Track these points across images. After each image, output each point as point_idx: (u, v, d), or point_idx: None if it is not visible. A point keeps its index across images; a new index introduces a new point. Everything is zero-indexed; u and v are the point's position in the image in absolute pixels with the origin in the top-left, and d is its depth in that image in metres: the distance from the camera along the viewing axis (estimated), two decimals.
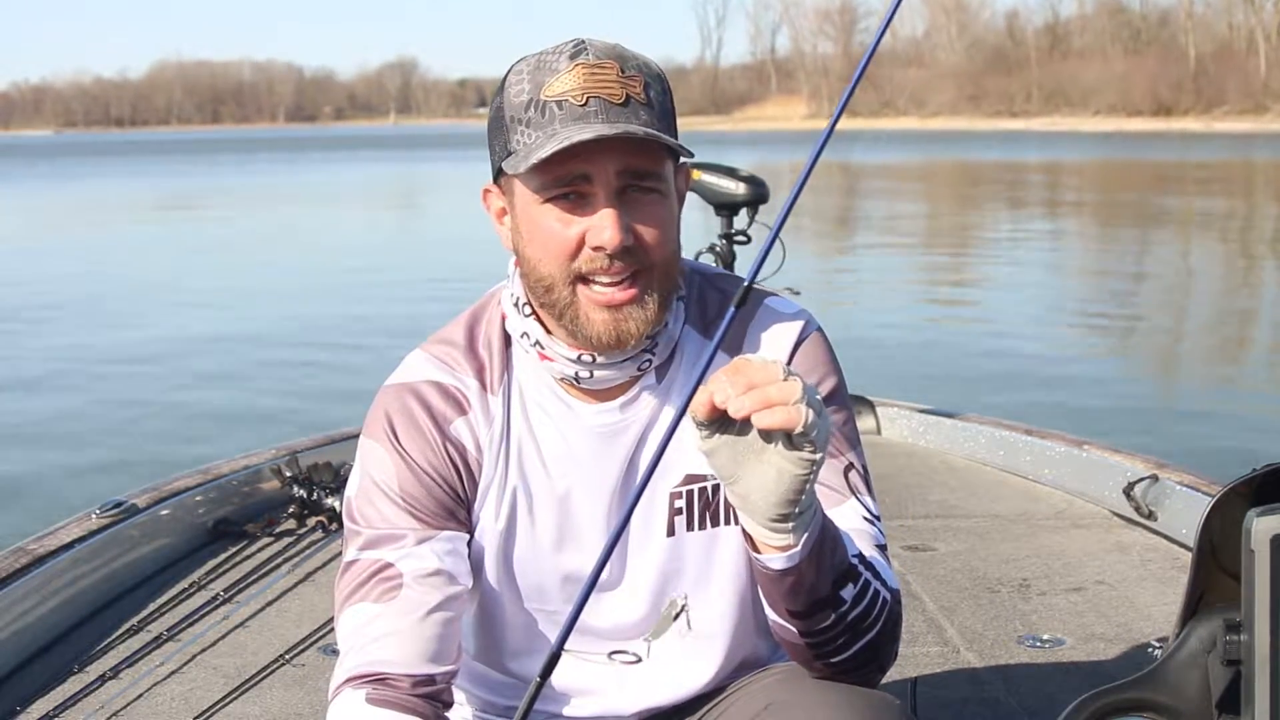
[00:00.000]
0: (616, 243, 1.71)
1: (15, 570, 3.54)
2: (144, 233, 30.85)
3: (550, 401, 1.88)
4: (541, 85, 1.72)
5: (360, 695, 1.79)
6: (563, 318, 1.79)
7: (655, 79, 1.77)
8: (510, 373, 1.90)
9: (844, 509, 1.84)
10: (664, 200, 1.78)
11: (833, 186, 41.75)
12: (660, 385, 1.89)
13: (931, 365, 12.24)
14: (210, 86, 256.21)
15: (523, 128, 1.73)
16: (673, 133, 1.78)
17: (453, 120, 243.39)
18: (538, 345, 1.85)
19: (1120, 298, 17.85)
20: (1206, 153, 62.22)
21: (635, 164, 1.73)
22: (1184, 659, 1.54)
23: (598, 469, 1.88)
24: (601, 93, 1.71)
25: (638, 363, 1.85)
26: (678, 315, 1.89)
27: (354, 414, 6.73)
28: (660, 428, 1.88)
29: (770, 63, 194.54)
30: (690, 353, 1.90)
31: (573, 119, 1.70)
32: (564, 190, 1.73)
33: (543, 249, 1.77)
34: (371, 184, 52.04)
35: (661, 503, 1.88)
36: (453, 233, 28.15)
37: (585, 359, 1.82)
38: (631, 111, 1.71)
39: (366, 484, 1.87)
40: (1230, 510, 1.51)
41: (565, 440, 1.88)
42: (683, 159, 1.82)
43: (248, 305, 17.36)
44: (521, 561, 1.90)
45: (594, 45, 1.75)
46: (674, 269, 1.82)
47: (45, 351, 14.09)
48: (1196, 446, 9.01)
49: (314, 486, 4.51)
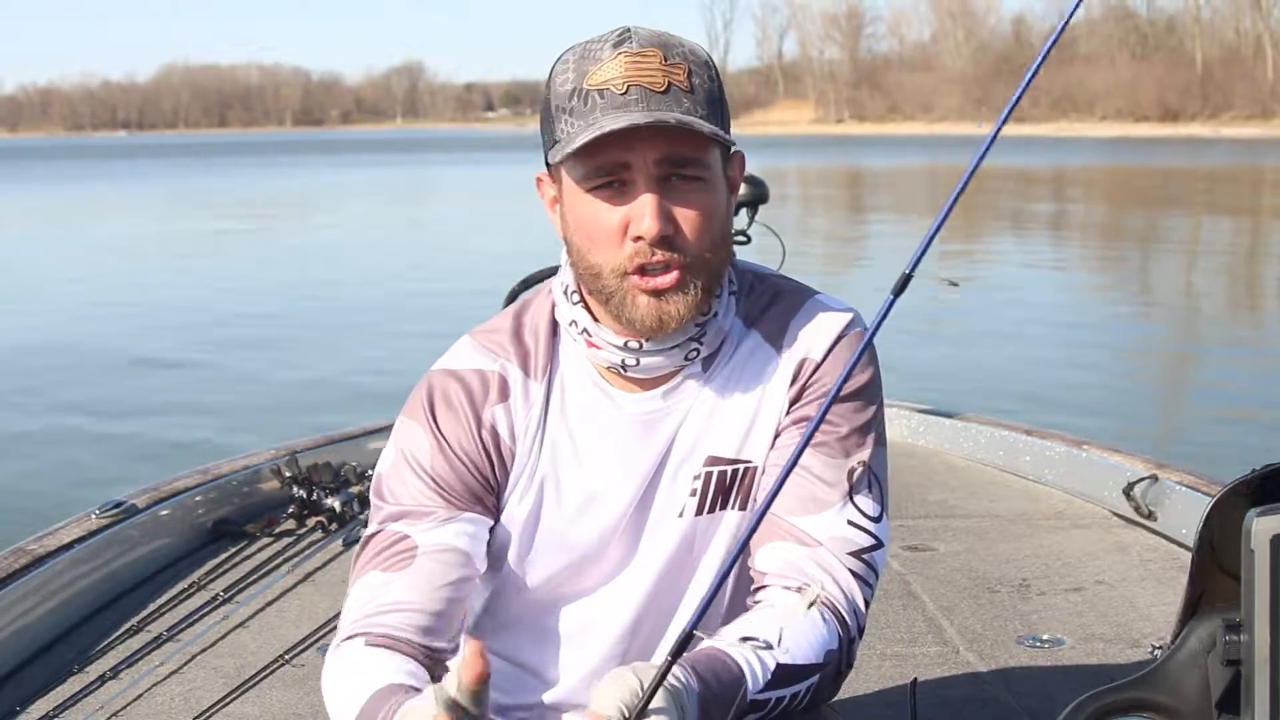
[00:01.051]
0: (655, 231, 1.71)
1: (15, 570, 3.55)
2: (144, 233, 30.92)
3: (591, 393, 1.89)
4: (585, 74, 1.73)
5: (359, 641, 1.81)
6: (609, 302, 1.79)
7: (702, 66, 1.76)
8: (555, 361, 1.91)
9: (826, 516, 1.84)
10: (708, 189, 1.76)
11: (840, 192, 41.75)
12: (705, 374, 1.89)
13: (931, 365, 12.24)
14: (217, 90, 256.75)
15: (567, 116, 1.74)
16: (720, 119, 1.76)
17: (459, 124, 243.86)
18: (585, 333, 1.86)
19: (1121, 299, 17.87)
20: (1213, 158, 62.22)
21: (676, 152, 1.72)
22: (1184, 659, 1.53)
23: (634, 456, 1.88)
24: (643, 80, 1.70)
25: (685, 351, 1.85)
26: (729, 308, 1.88)
27: (354, 414, 6.77)
28: (697, 414, 1.89)
29: (778, 67, 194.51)
30: (735, 341, 1.91)
31: (614, 107, 1.70)
32: (606, 179, 1.73)
33: (588, 238, 1.77)
34: (379, 186, 52.08)
35: (684, 486, 1.89)
36: (459, 235, 28.21)
37: (632, 345, 1.83)
38: (673, 99, 1.71)
39: (399, 460, 1.88)
40: (1230, 510, 1.50)
41: (601, 432, 1.88)
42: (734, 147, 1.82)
43: (248, 305, 17.39)
44: (542, 550, 1.91)
45: (639, 33, 1.75)
46: (721, 259, 1.81)
47: (46, 352, 14.13)
48: (1196, 447, 9.02)
49: (314, 487, 4.51)
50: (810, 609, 1.75)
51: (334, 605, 3.80)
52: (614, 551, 1.91)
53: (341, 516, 4.44)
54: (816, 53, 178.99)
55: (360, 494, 4.55)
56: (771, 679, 1.71)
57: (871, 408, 1.91)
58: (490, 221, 31.34)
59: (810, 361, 1.88)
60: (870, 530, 1.86)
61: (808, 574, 1.82)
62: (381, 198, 46.04)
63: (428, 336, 13.37)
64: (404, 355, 12.25)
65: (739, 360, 1.90)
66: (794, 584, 1.82)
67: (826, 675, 1.78)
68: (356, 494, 4.52)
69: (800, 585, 1.82)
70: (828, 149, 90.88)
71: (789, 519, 1.84)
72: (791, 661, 1.73)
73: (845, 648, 1.82)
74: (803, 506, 1.84)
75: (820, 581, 1.82)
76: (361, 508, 4.49)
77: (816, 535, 1.83)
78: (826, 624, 1.79)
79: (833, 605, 1.82)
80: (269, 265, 22.78)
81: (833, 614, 1.81)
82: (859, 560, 1.84)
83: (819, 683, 1.77)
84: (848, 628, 1.82)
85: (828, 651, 1.78)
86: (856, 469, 1.87)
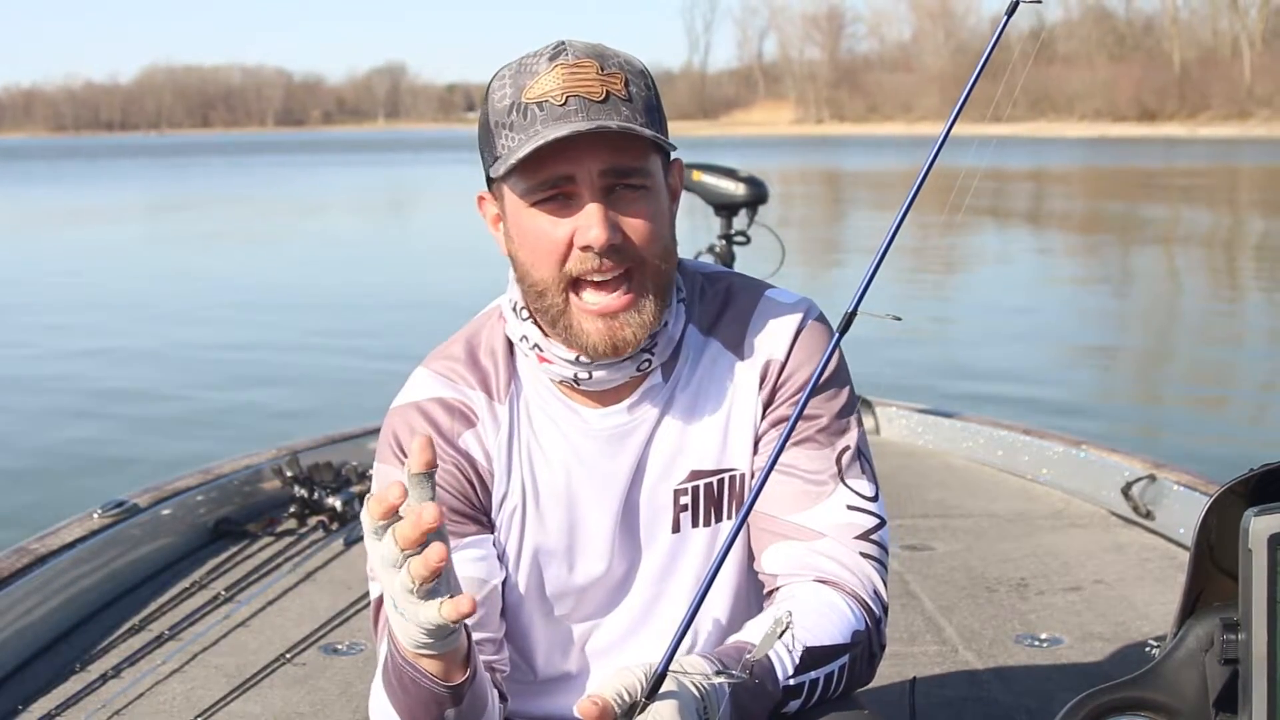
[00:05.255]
0: (603, 240, 1.71)
1: (17, 570, 3.55)
2: (141, 234, 30.79)
3: (556, 407, 1.89)
4: (523, 88, 1.72)
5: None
6: (556, 325, 1.79)
7: (637, 75, 1.76)
8: (516, 379, 1.91)
9: (823, 507, 1.85)
10: (652, 196, 1.77)
11: (822, 194, 41.76)
12: (666, 384, 1.89)
13: (930, 365, 12.25)
14: (200, 91, 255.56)
15: (506, 131, 1.73)
16: (658, 127, 1.76)
17: (441, 124, 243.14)
18: (536, 348, 1.85)
19: (1117, 300, 17.88)
20: (1191, 158, 62.30)
21: (618, 161, 1.72)
22: (1181, 658, 1.54)
23: (606, 471, 1.88)
24: (581, 91, 1.70)
25: (637, 363, 1.84)
26: (678, 315, 1.88)
27: (355, 414, 6.75)
28: (668, 427, 1.89)
29: (758, 68, 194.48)
30: (694, 351, 1.90)
31: (554, 119, 1.69)
32: (550, 193, 1.73)
33: (533, 253, 1.76)
34: (363, 188, 51.92)
35: (665, 500, 1.89)
36: (449, 234, 28.13)
37: (583, 360, 1.82)
38: (611, 108, 1.71)
39: None
40: (1227, 510, 1.50)
41: (572, 446, 1.88)
42: (674, 154, 1.82)
43: (248, 305, 17.32)
44: (530, 566, 1.90)
45: (574, 45, 1.74)
46: (668, 266, 1.81)
47: (46, 352, 14.07)
48: (1194, 446, 9.04)
49: (314, 486, 4.51)
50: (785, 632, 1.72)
51: (335, 604, 3.80)
52: (614, 569, 1.91)
53: (343, 516, 4.44)
54: (796, 53, 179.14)
55: (361, 493, 4.55)
56: (800, 663, 1.71)
57: (844, 390, 1.91)
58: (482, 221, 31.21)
59: (775, 362, 1.88)
60: (871, 510, 1.87)
61: (817, 567, 1.83)
62: (372, 199, 45.87)
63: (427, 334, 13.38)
64: (404, 356, 12.22)
65: (703, 370, 1.90)
66: (805, 578, 1.83)
67: (858, 657, 1.79)
68: (357, 493, 4.53)
69: (816, 578, 1.82)
70: (807, 149, 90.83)
71: (787, 518, 1.85)
72: (818, 643, 1.74)
73: (874, 629, 1.83)
74: (798, 503, 1.85)
75: (831, 572, 1.83)
76: (362, 507, 4.48)
77: (818, 527, 1.84)
78: (849, 606, 1.80)
79: (852, 591, 1.82)
80: (269, 266, 22.70)
81: (854, 599, 1.81)
82: (867, 542, 1.85)
83: (850, 664, 1.78)
84: (871, 610, 1.83)
85: (854, 632, 1.78)
86: (844, 454, 1.88)
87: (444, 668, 1.64)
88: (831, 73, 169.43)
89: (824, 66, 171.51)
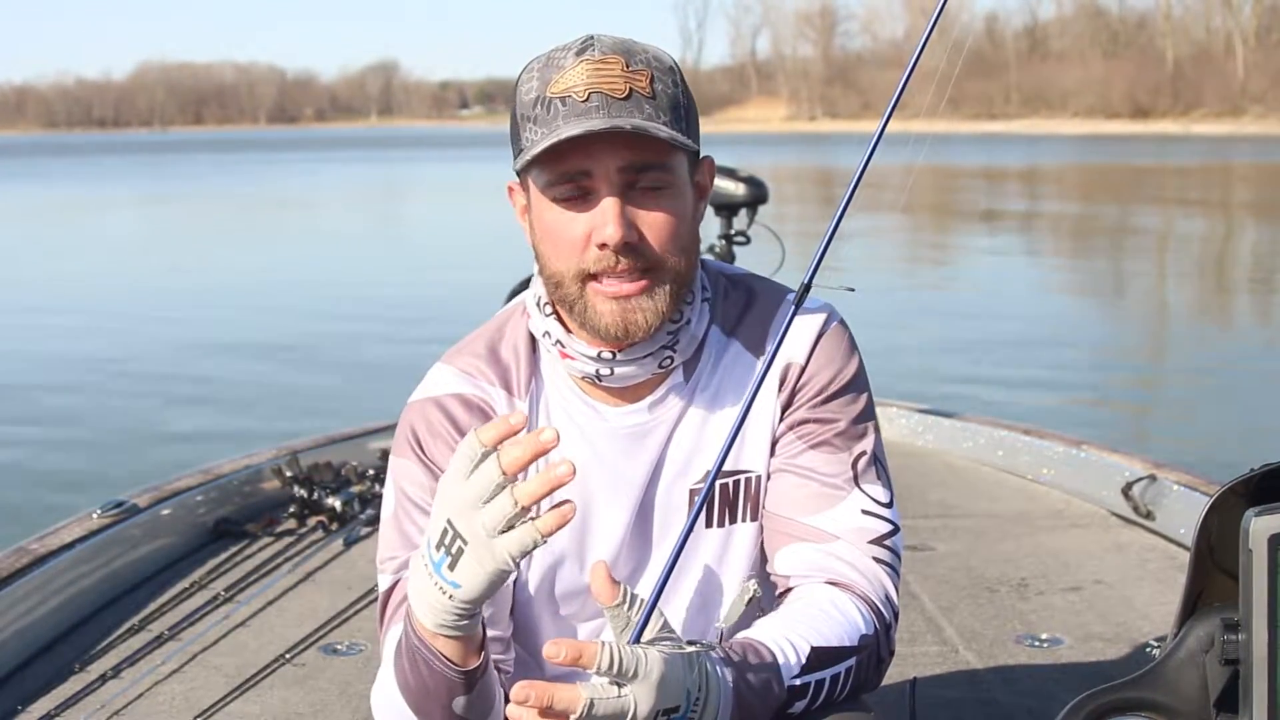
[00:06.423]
0: (618, 238, 1.70)
1: (16, 570, 3.54)
2: (140, 233, 30.78)
3: (576, 405, 1.88)
4: (549, 82, 1.72)
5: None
6: (572, 310, 1.78)
7: (665, 72, 1.75)
8: (538, 376, 1.90)
9: (838, 510, 1.85)
10: (673, 194, 1.76)
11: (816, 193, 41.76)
12: (688, 385, 1.89)
13: (931, 365, 12.26)
14: (193, 88, 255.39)
15: (531, 124, 1.73)
16: (683, 124, 1.75)
17: (434, 122, 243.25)
18: (559, 344, 1.85)
19: (1118, 299, 17.92)
20: (1184, 155, 62.40)
21: (637, 158, 1.71)
22: (1182, 658, 1.53)
23: (624, 471, 1.87)
24: (604, 87, 1.69)
25: (659, 359, 1.84)
26: (702, 314, 1.88)
27: (355, 414, 6.75)
28: (687, 426, 1.88)
29: (751, 65, 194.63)
30: (716, 351, 1.91)
31: (575, 114, 1.68)
32: (568, 187, 1.73)
33: (553, 246, 1.76)
34: (357, 185, 51.91)
35: (681, 500, 1.89)
36: (447, 234, 28.15)
37: (605, 355, 1.81)
38: (634, 105, 1.70)
39: (401, 502, 1.86)
40: (1228, 510, 1.50)
41: (590, 444, 1.87)
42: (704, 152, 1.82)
43: (247, 306, 17.32)
44: (542, 565, 1.90)
45: (601, 41, 1.74)
46: (688, 265, 1.80)
47: (46, 352, 14.06)
48: (1194, 446, 9.05)
49: (314, 486, 4.51)
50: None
51: (334, 604, 3.80)
52: (623, 567, 1.90)
53: (342, 516, 4.43)
54: (789, 50, 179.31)
55: (361, 493, 4.55)
56: (807, 664, 1.71)
57: (863, 396, 1.91)
58: (482, 219, 31.21)
59: (795, 366, 1.88)
60: (885, 516, 1.87)
61: (829, 569, 1.83)
62: (369, 196, 45.88)
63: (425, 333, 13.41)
64: (404, 353, 12.27)
65: (724, 371, 1.90)
66: (817, 580, 1.83)
67: (865, 661, 1.79)
68: (357, 493, 4.52)
69: (828, 580, 1.82)
70: (800, 146, 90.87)
71: (802, 519, 1.85)
72: (825, 644, 1.74)
73: (882, 634, 1.82)
74: (814, 505, 1.85)
75: (843, 575, 1.82)
76: (362, 507, 4.49)
77: (832, 530, 1.84)
78: (859, 609, 1.80)
79: (863, 595, 1.82)
80: (266, 264, 22.69)
81: (864, 602, 1.81)
82: (880, 547, 1.85)
83: (857, 667, 1.77)
84: (881, 615, 1.82)
85: (862, 635, 1.78)
86: (860, 458, 1.88)
87: (460, 651, 1.63)
88: (825, 70, 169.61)
89: (817, 64, 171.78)
